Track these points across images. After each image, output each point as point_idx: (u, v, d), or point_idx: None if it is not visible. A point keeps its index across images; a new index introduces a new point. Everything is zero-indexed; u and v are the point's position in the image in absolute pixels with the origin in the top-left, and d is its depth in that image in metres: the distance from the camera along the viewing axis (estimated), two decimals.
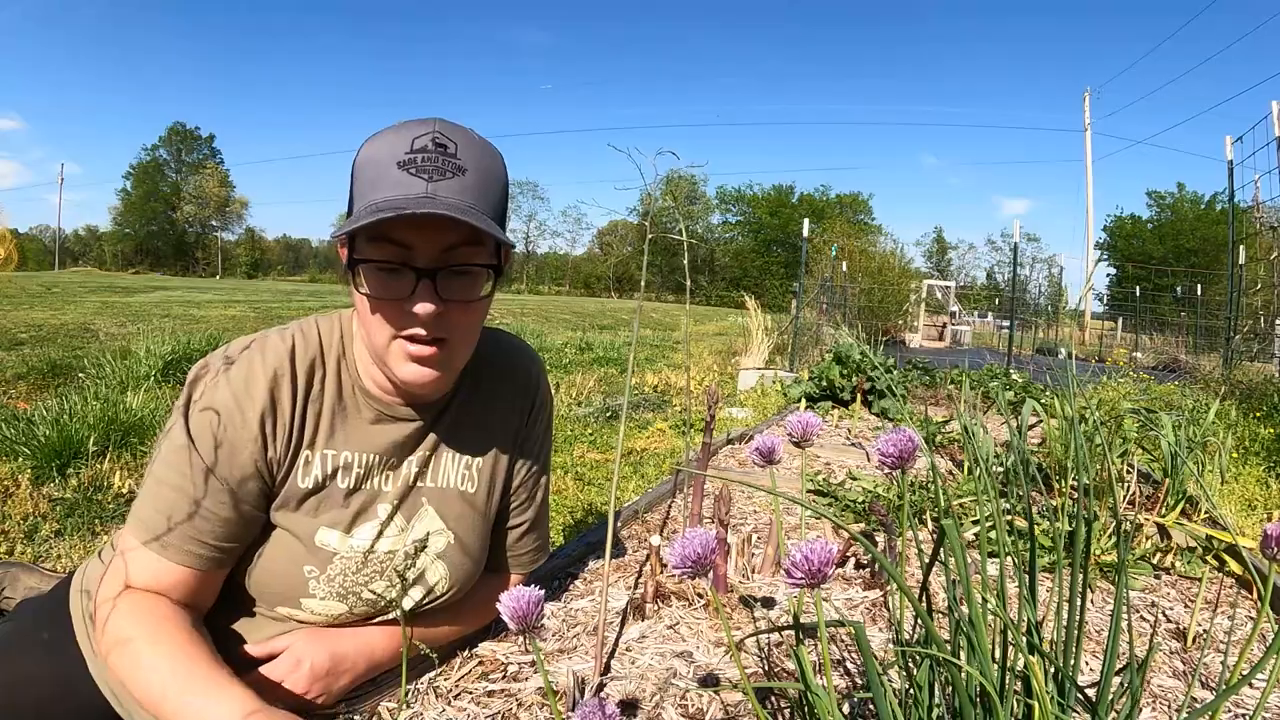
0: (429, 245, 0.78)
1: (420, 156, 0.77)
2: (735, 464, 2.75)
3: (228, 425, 0.83)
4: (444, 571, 0.99)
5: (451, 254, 0.80)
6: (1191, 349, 13.21)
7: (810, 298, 9.63)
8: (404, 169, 0.76)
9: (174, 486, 0.82)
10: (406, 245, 0.78)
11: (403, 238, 0.78)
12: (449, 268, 0.80)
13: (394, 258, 0.78)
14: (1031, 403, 2.60)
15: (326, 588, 0.91)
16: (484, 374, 1.02)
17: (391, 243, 0.78)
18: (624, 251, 58.41)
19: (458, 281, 0.81)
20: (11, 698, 0.88)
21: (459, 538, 1.00)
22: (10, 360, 4.64)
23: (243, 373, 0.85)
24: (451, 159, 0.78)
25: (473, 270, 0.82)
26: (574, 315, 15.14)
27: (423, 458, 0.97)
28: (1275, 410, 4.30)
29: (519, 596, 0.64)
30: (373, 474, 0.93)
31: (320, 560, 0.90)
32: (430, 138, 0.78)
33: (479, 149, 0.81)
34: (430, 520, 0.98)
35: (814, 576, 0.54)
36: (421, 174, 0.76)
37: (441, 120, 0.81)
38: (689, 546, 0.58)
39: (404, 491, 0.96)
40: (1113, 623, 0.65)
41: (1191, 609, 1.41)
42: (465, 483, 1.01)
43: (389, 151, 0.78)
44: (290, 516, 0.89)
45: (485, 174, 0.81)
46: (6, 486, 2.41)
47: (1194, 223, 42.05)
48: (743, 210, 57.13)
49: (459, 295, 0.81)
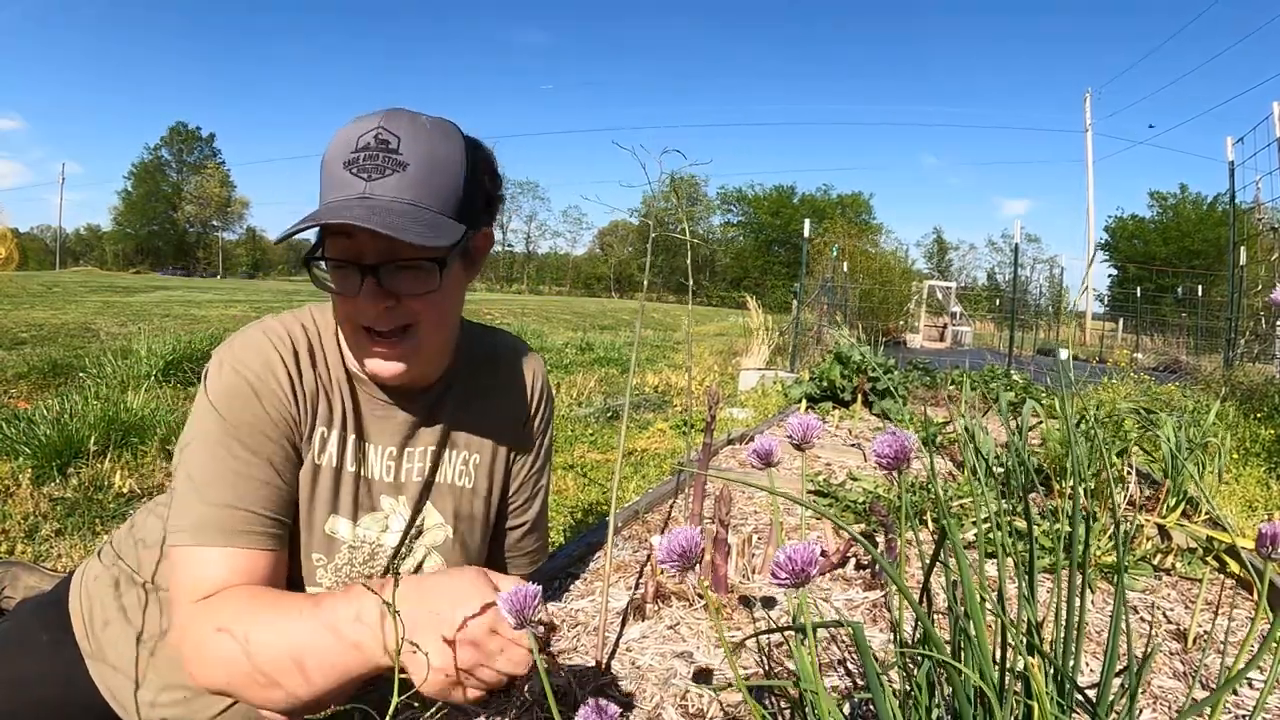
0: (370, 243, 0.78)
1: (362, 155, 0.77)
2: (736, 464, 2.75)
3: (255, 380, 0.83)
4: (441, 566, 0.99)
5: (393, 248, 0.79)
6: (1192, 350, 13.21)
7: (811, 298, 9.63)
8: (347, 169, 0.77)
9: (210, 472, 0.81)
10: (350, 237, 0.79)
11: (349, 230, 0.78)
12: (394, 262, 0.79)
13: (345, 254, 0.80)
14: (1031, 403, 2.60)
15: (333, 577, 0.91)
16: (485, 372, 1.03)
17: (341, 236, 0.79)
18: (624, 252, 58.40)
19: (405, 275, 0.81)
20: (12, 697, 0.88)
21: (458, 533, 1.00)
22: (11, 360, 4.65)
23: (260, 340, 0.86)
24: (392, 155, 0.77)
25: (416, 265, 0.81)
26: (574, 315, 15.14)
27: (423, 452, 0.97)
28: (1276, 411, 4.29)
29: (518, 592, 0.64)
30: (373, 464, 0.94)
31: (328, 549, 0.90)
32: (374, 134, 0.78)
33: (426, 138, 0.80)
34: (431, 514, 0.98)
35: (798, 576, 0.54)
36: (361, 174, 0.77)
37: (391, 112, 0.80)
38: (675, 541, 0.58)
39: (406, 485, 0.96)
40: (1112, 623, 0.65)
41: (1192, 610, 1.41)
42: (464, 479, 1.01)
43: (338, 151, 0.79)
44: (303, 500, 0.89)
45: (431, 165, 0.79)
46: (7, 486, 2.41)
47: (1196, 224, 41.99)
48: (744, 210, 57.14)
49: (409, 289, 0.81)
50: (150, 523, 0.98)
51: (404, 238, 0.73)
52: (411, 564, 0.97)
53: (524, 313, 14.35)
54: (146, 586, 0.92)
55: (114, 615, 0.92)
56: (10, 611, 1.23)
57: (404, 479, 0.96)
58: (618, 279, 57.94)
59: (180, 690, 0.89)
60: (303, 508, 0.88)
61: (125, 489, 2.51)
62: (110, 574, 0.96)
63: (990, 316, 24.35)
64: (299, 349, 0.88)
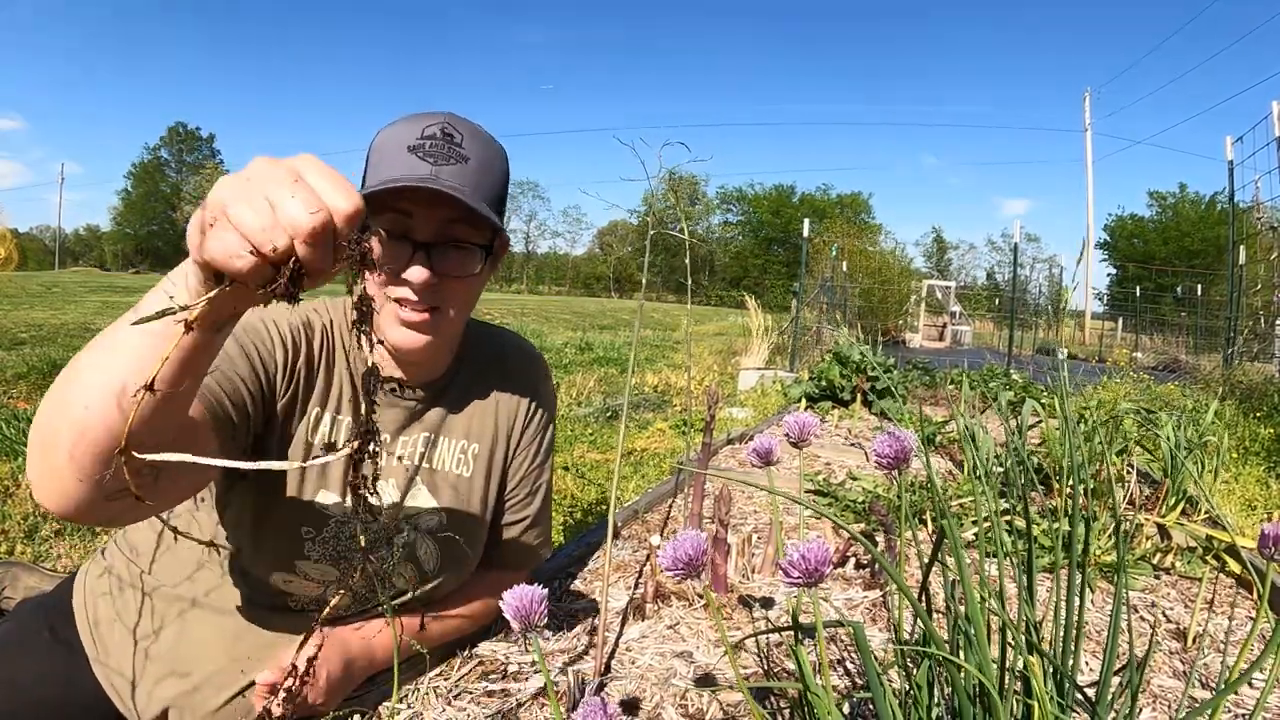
0: (428, 220, 0.85)
1: (428, 143, 0.85)
2: (735, 464, 2.75)
3: (268, 314, 0.88)
4: (433, 551, 1.00)
5: (449, 228, 0.86)
6: (1192, 349, 13.21)
7: (810, 298, 9.63)
8: (413, 153, 0.84)
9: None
10: (407, 214, 0.84)
11: (406, 209, 0.84)
12: (446, 242, 0.86)
13: (394, 227, 0.84)
14: (1031, 403, 2.60)
15: (321, 549, 0.92)
16: (487, 366, 1.05)
17: (394, 212, 0.84)
18: (624, 251, 58.35)
19: (453, 255, 0.87)
20: (12, 697, 0.88)
21: (451, 520, 1.01)
22: (11, 360, 4.65)
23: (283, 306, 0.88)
24: (456, 147, 0.86)
25: (467, 247, 0.88)
26: (574, 315, 15.15)
27: (421, 438, 0.99)
28: (1275, 410, 4.29)
29: (522, 594, 0.63)
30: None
31: (317, 522, 0.91)
32: (439, 127, 0.86)
33: (482, 142, 0.89)
34: (423, 498, 1.00)
35: (810, 576, 0.54)
36: (427, 158, 0.84)
37: (452, 114, 0.89)
38: (681, 548, 0.58)
39: (398, 467, 0.98)
40: (1112, 622, 0.65)
41: (1192, 609, 1.41)
42: (462, 467, 1.03)
43: (401, 137, 0.85)
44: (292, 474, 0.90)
45: (486, 165, 0.88)
46: (6, 486, 2.41)
47: (1196, 223, 41.98)
48: (743, 210, 57.10)
49: (453, 270, 0.87)
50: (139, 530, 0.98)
51: (482, 210, 0.82)
52: (404, 546, 0.98)
53: (523, 312, 14.35)
54: (162, 590, 0.93)
55: (122, 614, 0.93)
56: (10, 611, 1.23)
57: (395, 462, 0.97)
58: (617, 279, 57.88)
59: (180, 680, 0.89)
60: (292, 481, 0.90)
61: None
62: (114, 573, 0.96)
63: (990, 316, 24.35)
64: (313, 325, 0.93)
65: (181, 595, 0.92)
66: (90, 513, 0.61)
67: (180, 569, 0.93)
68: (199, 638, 0.91)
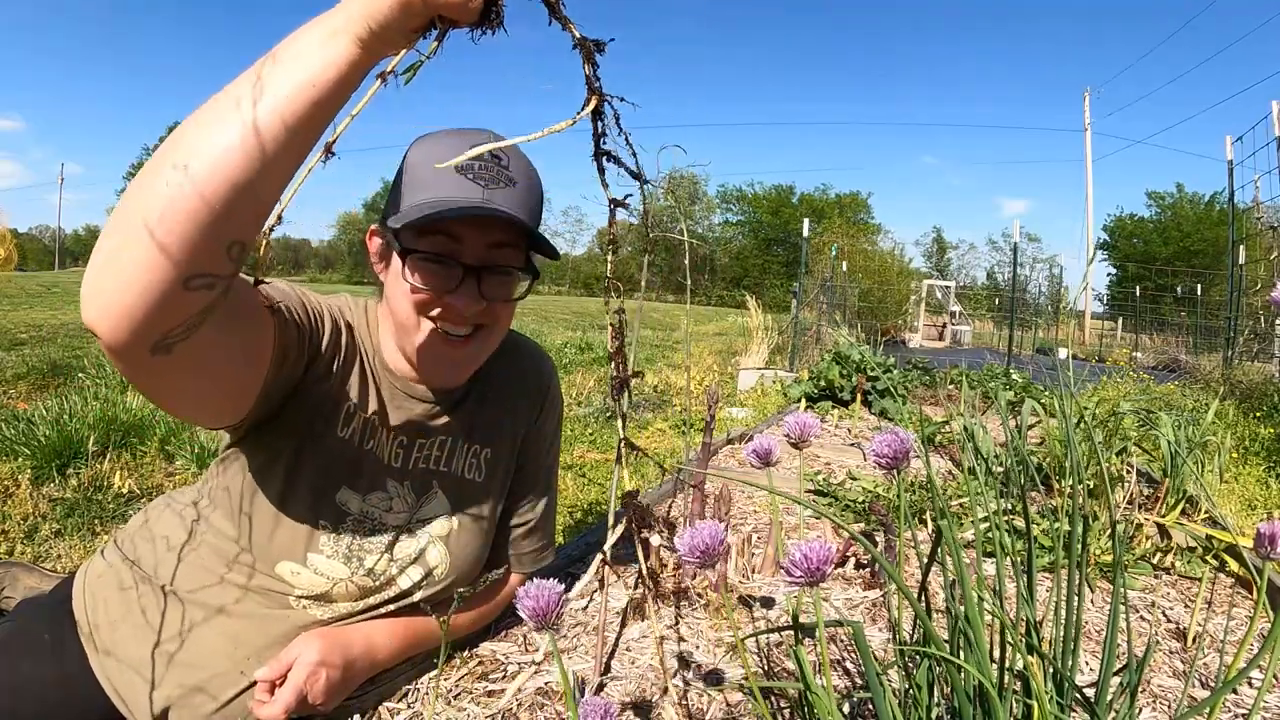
0: (477, 243, 0.85)
1: (478, 164, 0.84)
2: (735, 464, 2.75)
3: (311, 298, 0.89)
4: (443, 555, 1.01)
5: (497, 253, 0.87)
6: (1192, 349, 13.20)
7: (810, 298, 9.62)
8: (462, 174, 0.83)
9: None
10: (456, 239, 0.84)
11: (457, 233, 0.84)
12: (495, 267, 0.86)
13: (442, 249, 0.84)
14: (1031, 402, 2.60)
15: (334, 545, 0.93)
16: (500, 370, 1.06)
17: (445, 236, 0.84)
18: (624, 251, 58.25)
19: (499, 279, 0.88)
20: (13, 698, 0.88)
21: (463, 525, 1.02)
22: (10, 360, 4.64)
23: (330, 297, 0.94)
24: (505, 170, 0.86)
25: (514, 271, 0.89)
26: (574, 315, 15.14)
27: (437, 442, 1.00)
28: (1275, 410, 4.29)
29: (540, 592, 0.59)
30: (382, 447, 0.96)
31: (335, 518, 0.92)
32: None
33: (524, 163, 0.90)
34: (438, 503, 1.00)
35: (813, 575, 0.54)
36: (479, 181, 0.84)
37: (493, 132, 0.87)
38: (698, 537, 0.57)
39: (415, 471, 0.99)
40: (1111, 622, 0.65)
41: (1191, 609, 1.41)
42: (474, 472, 1.04)
43: (446, 156, 0.81)
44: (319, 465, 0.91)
45: (531, 187, 0.89)
46: (6, 486, 2.41)
47: (1196, 223, 41.94)
48: (743, 210, 57.06)
49: (499, 294, 0.88)
50: (167, 520, 0.97)
51: (540, 237, 0.85)
52: (414, 549, 0.99)
53: (522, 312, 14.31)
54: (165, 590, 0.92)
55: (125, 614, 0.92)
56: (10, 612, 1.23)
57: (410, 466, 0.98)
58: (617, 279, 57.72)
59: (181, 680, 0.89)
60: (319, 476, 0.91)
61: (125, 489, 2.50)
62: (116, 573, 0.95)
63: (989, 316, 24.35)
64: (354, 322, 0.95)
65: (182, 596, 0.92)
66: (161, 316, 0.60)
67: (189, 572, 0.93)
68: (201, 638, 0.91)
